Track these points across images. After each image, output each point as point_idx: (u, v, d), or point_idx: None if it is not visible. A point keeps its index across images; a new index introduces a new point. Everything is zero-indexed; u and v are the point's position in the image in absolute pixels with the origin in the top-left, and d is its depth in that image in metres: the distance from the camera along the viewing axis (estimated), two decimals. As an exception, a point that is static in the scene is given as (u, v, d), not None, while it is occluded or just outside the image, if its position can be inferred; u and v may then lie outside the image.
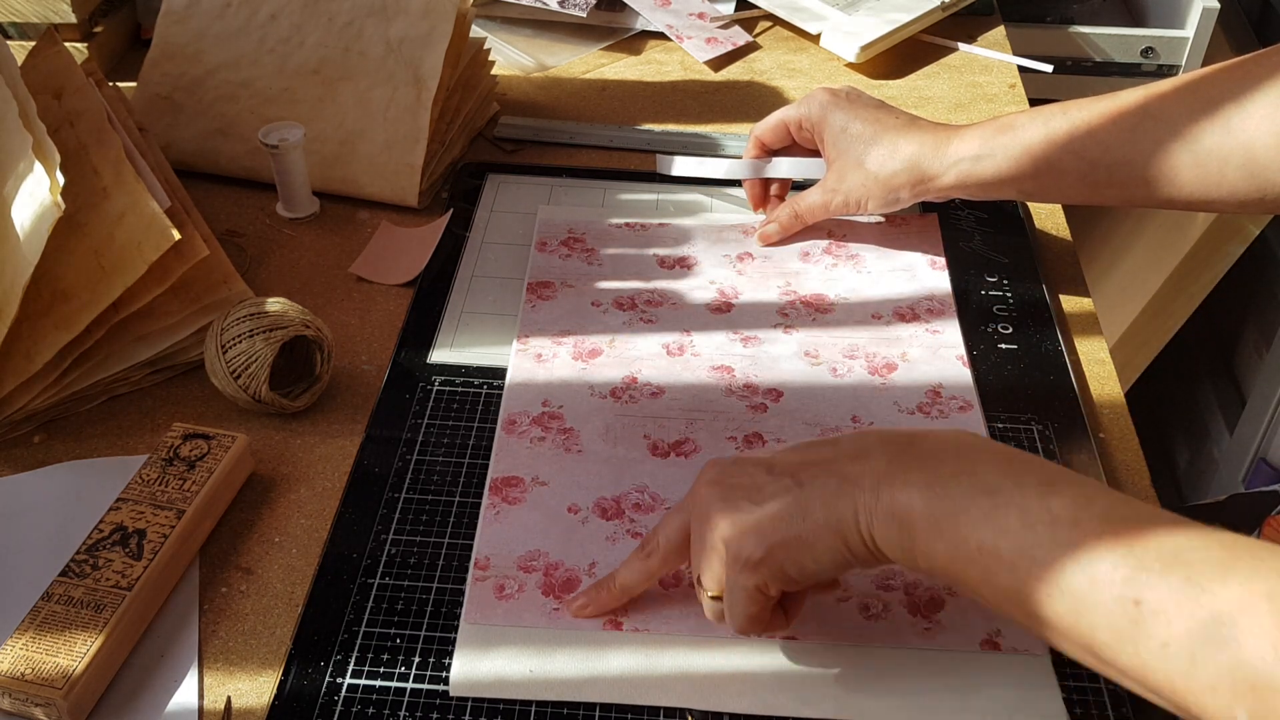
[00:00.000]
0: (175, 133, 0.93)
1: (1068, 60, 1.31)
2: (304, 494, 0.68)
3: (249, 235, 0.87)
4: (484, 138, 0.99)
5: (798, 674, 0.58)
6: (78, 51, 1.00)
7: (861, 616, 0.60)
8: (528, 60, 1.10)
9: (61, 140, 0.74)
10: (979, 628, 0.60)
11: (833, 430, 0.71)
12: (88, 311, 0.69)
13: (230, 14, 0.93)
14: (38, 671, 0.54)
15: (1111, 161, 0.71)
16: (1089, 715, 0.57)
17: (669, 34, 1.12)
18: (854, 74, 1.09)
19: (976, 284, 0.83)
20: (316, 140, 0.90)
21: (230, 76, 0.93)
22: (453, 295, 0.82)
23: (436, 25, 0.90)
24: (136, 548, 0.60)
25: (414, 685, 0.57)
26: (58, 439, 0.71)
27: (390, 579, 0.62)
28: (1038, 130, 0.74)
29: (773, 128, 0.85)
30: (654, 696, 0.57)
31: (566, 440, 0.70)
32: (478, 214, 0.89)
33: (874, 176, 0.79)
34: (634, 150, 0.97)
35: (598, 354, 0.76)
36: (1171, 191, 0.70)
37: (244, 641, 0.60)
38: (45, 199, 0.66)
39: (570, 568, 0.62)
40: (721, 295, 0.81)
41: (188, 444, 0.66)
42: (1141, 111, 0.70)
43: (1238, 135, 0.67)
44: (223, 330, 0.69)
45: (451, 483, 0.68)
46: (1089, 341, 0.79)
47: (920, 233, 0.87)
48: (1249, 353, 1.40)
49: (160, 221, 0.71)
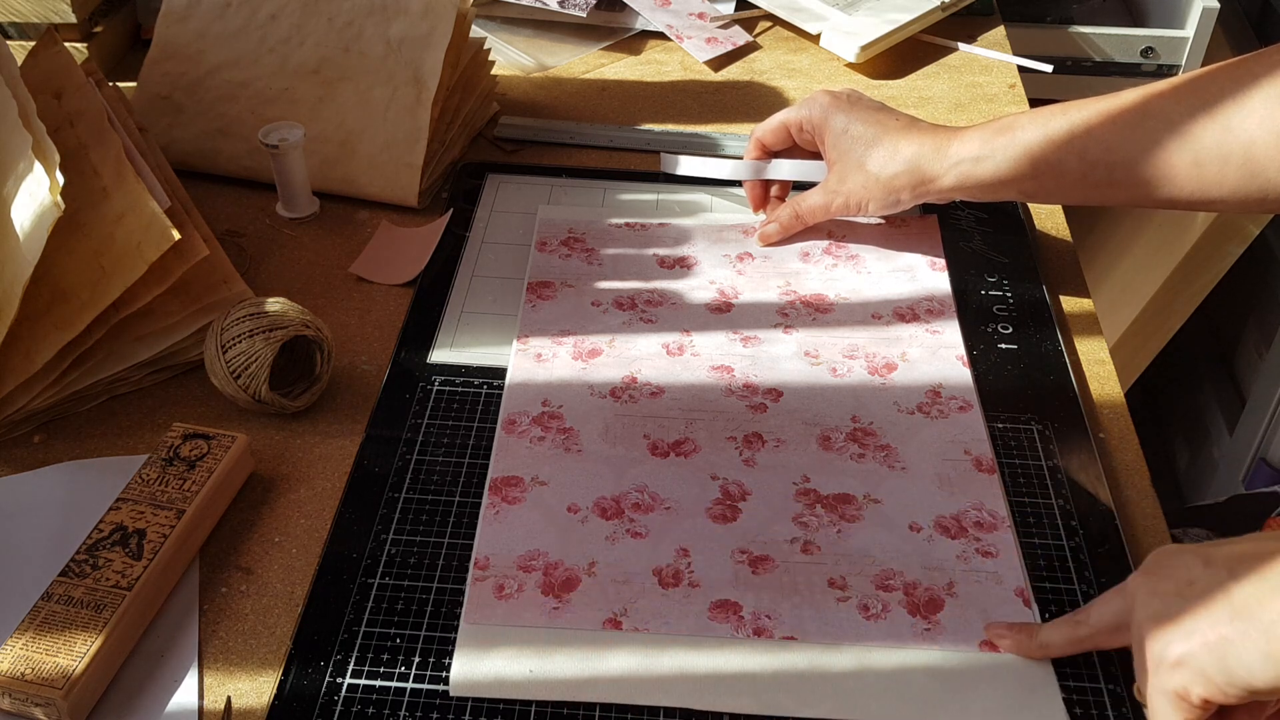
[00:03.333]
0: (175, 133, 0.93)
1: (1068, 60, 1.31)
2: (304, 494, 0.68)
3: (249, 235, 0.87)
4: (484, 138, 0.99)
5: (798, 674, 0.58)
6: (78, 51, 1.00)
7: (861, 616, 0.60)
8: (528, 60, 1.10)
9: (61, 140, 0.74)
10: (979, 628, 0.60)
11: (833, 430, 0.71)
12: (88, 311, 0.69)
13: (230, 14, 0.93)
14: (38, 671, 0.54)
15: (1112, 162, 0.71)
16: (1089, 715, 0.57)
17: (669, 34, 1.12)
18: (854, 74, 1.09)
19: (976, 284, 0.83)
20: (316, 140, 0.90)
21: (230, 76, 0.93)
22: (453, 295, 0.82)
23: (436, 25, 0.90)
24: (136, 548, 0.60)
25: (414, 685, 0.57)
26: (58, 439, 0.71)
27: (390, 579, 0.62)
28: (1037, 131, 0.74)
29: (773, 130, 0.85)
30: (654, 696, 0.57)
31: (566, 440, 0.70)
32: (478, 214, 0.89)
33: (875, 178, 0.79)
34: (634, 150, 0.97)
35: (598, 354, 0.76)
36: (1171, 191, 0.70)
37: (244, 641, 0.60)
38: (45, 199, 0.66)
39: (570, 567, 0.62)
40: (721, 295, 0.81)
41: (188, 444, 0.66)
42: (1141, 111, 0.70)
43: (1237, 134, 0.67)
44: (223, 330, 0.69)
45: (451, 483, 0.68)
46: (1089, 341, 0.79)
47: (920, 234, 0.87)
48: (1249, 353, 1.40)
49: (160, 221, 0.71)
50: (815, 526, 0.65)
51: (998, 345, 0.78)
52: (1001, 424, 0.72)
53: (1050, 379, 0.75)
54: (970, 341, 0.78)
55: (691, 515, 0.65)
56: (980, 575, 0.62)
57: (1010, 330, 0.79)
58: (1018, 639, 0.58)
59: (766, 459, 0.69)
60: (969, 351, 0.77)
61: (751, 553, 0.63)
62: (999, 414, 0.72)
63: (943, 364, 0.76)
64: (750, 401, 0.73)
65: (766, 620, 0.60)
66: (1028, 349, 0.77)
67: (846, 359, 0.76)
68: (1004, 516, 0.66)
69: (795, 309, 0.80)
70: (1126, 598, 0.54)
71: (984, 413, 0.72)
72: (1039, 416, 0.72)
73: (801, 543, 0.64)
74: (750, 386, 0.74)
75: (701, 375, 0.75)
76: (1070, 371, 0.76)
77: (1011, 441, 0.71)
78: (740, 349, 0.77)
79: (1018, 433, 0.71)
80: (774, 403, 0.73)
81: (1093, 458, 0.70)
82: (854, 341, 0.77)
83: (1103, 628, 0.56)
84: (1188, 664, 0.48)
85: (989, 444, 0.70)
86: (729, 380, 0.74)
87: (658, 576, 0.62)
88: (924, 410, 0.72)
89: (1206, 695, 0.48)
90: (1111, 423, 0.73)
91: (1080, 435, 0.71)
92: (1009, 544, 0.64)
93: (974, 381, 0.74)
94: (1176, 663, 0.49)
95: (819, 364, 0.76)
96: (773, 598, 0.61)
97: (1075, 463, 0.69)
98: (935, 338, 0.78)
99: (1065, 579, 0.63)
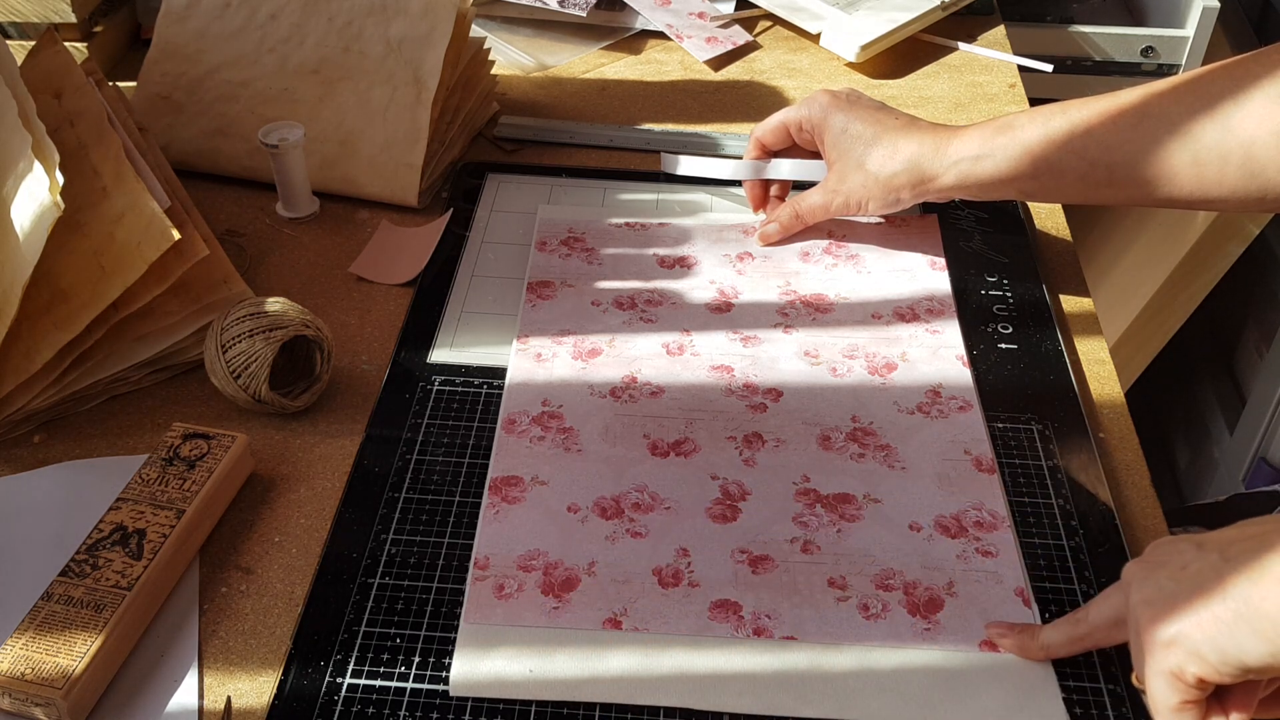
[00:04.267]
0: (175, 133, 0.93)
1: (1068, 60, 1.31)
2: (304, 494, 0.68)
3: (249, 235, 0.87)
4: (484, 137, 0.99)
5: (798, 674, 0.58)
6: (78, 51, 1.00)
7: (861, 616, 0.60)
8: (528, 60, 1.10)
9: (61, 140, 0.74)
10: (979, 628, 0.60)
11: (833, 430, 0.71)
12: (88, 311, 0.69)
13: (230, 14, 0.93)
14: (38, 671, 0.54)
15: (1111, 161, 0.71)
16: (1089, 716, 0.57)
17: (669, 34, 1.12)
18: (854, 74, 1.09)
19: (976, 284, 0.83)
20: (316, 140, 0.90)
21: (230, 76, 0.93)
22: (453, 295, 0.82)
23: (436, 25, 0.90)
24: (136, 548, 0.60)
25: (414, 685, 0.57)
26: (58, 439, 0.71)
27: (390, 579, 0.62)
28: (1037, 130, 0.74)
29: (773, 129, 0.85)
30: (654, 696, 0.57)
31: (566, 440, 0.70)
32: (478, 214, 0.89)
33: (874, 177, 0.79)
34: (634, 150, 0.97)
35: (597, 353, 0.76)
36: (1171, 190, 0.70)
37: (244, 641, 0.60)
38: (45, 199, 0.66)
39: (570, 567, 0.62)
40: (721, 295, 0.81)
41: (188, 444, 0.66)
42: (1141, 110, 0.71)
43: (1237, 133, 0.67)
44: (223, 330, 0.69)
45: (451, 483, 0.68)
46: (1089, 341, 0.79)
47: (920, 233, 0.87)
48: (1249, 353, 1.40)
49: (160, 221, 0.71)
50: (815, 526, 0.65)
51: (998, 345, 0.78)
52: (1001, 424, 0.72)
53: (1050, 379, 0.75)
54: (970, 341, 0.78)
55: (691, 515, 0.65)
56: (980, 575, 0.62)
57: (1010, 330, 0.79)
58: (1019, 640, 0.59)
59: (766, 459, 0.69)
60: (969, 351, 0.77)
61: (751, 552, 0.63)
62: (999, 414, 0.72)
63: (943, 364, 0.76)
64: (750, 401, 0.73)
65: (766, 620, 0.60)
66: (1028, 349, 0.77)
67: (846, 359, 0.76)
68: (1004, 516, 0.66)
69: (795, 309, 0.80)
70: (1123, 588, 0.54)
71: (984, 413, 0.72)
72: (1039, 416, 0.72)
73: (801, 542, 0.64)
74: (750, 386, 0.74)
75: (701, 375, 0.75)
76: (1070, 371, 0.76)
77: (1011, 441, 0.71)
78: (740, 349, 0.77)
79: (1018, 433, 0.71)
80: (774, 403, 0.73)
81: (1093, 458, 0.70)
82: (854, 341, 0.77)
83: (1102, 623, 0.56)
84: (1181, 643, 0.49)
85: (989, 444, 0.70)
86: (729, 380, 0.74)
87: (657, 576, 0.62)
88: (924, 410, 0.72)
89: (1201, 674, 0.49)
90: (1111, 423, 0.73)
91: (1080, 435, 0.71)
92: (1009, 544, 0.64)
93: (974, 381, 0.74)
94: (1170, 642, 0.49)
95: (819, 364, 0.76)
96: (773, 597, 0.61)
97: (1075, 463, 0.69)
98: (935, 338, 0.78)
99: (1065, 579, 0.63)
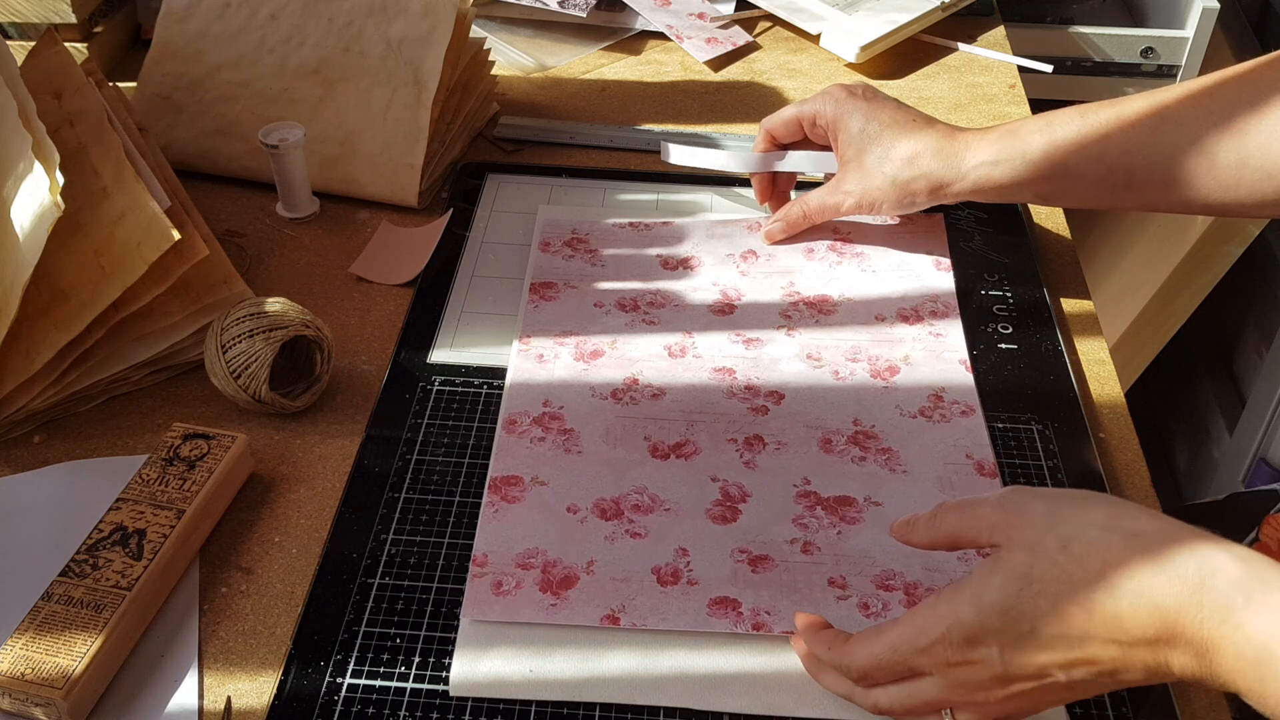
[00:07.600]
0: (175, 133, 0.93)
1: (1068, 60, 1.31)
2: (304, 494, 0.68)
3: (249, 235, 0.87)
4: (484, 138, 0.99)
5: (798, 674, 0.58)
6: (78, 51, 1.00)
7: (861, 615, 0.60)
8: (528, 60, 1.10)
9: (61, 140, 0.74)
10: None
11: (834, 433, 0.71)
12: (88, 311, 0.69)
13: (230, 14, 0.93)
14: (38, 671, 0.54)
15: (1130, 165, 0.71)
16: (1089, 715, 0.57)
17: (669, 34, 1.12)
18: (854, 74, 1.09)
19: (977, 284, 0.83)
20: (316, 140, 0.90)
21: (230, 76, 0.93)
22: (453, 295, 0.82)
23: (436, 25, 0.90)
24: (136, 548, 0.60)
25: (414, 685, 0.57)
26: (58, 439, 0.71)
27: (390, 579, 0.62)
28: (1055, 134, 0.73)
29: (785, 122, 0.84)
30: (653, 696, 0.57)
31: (566, 441, 0.70)
32: (478, 214, 0.89)
33: (890, 180, 0.78)
34: (634, 150, 0.97)
35: (599, 355, 0.76)
36: (1189, 194, 0.70)
37: (244, 641, 0.60)
38: (45, 199, 0.66)
39: (569, 566, 0.62)
40: (724, 296, 0.81)
41: (188, 444, 0.66)
42: (1159, 115, 0.71)
43: (1255, 138, 0.67)
44: (223, 330, 0.69)
45: (451, 482, 0.68)
46: (1089, 341, 0.79)
47: (926, 233, 0.87)
48: (1249, 353, 1.40)
49: (160, 221, 0.71)
50: (815, 528, 0.65)
51: (998, 345, 0.78)
52: (1002, 424, 0.72)
53: (1050, 379, 0.75)
54: (970, 342, 0.78)
55: (691, 516, 0.65)
56: (980, 575, 0.62)
57: (1010, 330, 0.79)
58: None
59: (767, 461, 0.69)
60: (969, 352, 0.77)
61: (751, 552, 0.63)
62: (999, 414, 0.72)
63: (945, 367, 0.75)
64: (751, 404, 0.73)
65: (766, 615, 0.60)
66: (1028, 349, 0.77)
67: (849, 361, 0.76)
68: (1004, 517, 0.66)
69: (798, 310, 0.80)
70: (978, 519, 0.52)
71: (984, 413, 0.72)
72: (1039, 416, 0.72)
73: (801, 543, 0.64)
74: (752, 388, 0.74)
75: (703, 377, 0.75)
76: (1070, 371, 0.76)
77: (1011, 442, 0.71)
78: (742, 351, 0.77)
79: (1018, 433, 0.71)
80: (775, 405, 0.73)
81: (1092, 457, 0.70)
82: (856, 344, 0.77)
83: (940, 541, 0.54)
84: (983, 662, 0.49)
85: (990, 448, 0.70)
86: (730, 382, 0.74)
87: (656, 575, 0.62)
88: (926, 414, 0.72)
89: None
90: (1111, 422, 0.73)
91: (1080, 435, 0.71)
92: (1009, 544, 0.64)
93: (976, 385, 0.74)
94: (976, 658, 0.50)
95: (821, 366, 0.76)
96: (772, 595, 0.61)
97: (1075, 463, 0.69)
98: (938, 340, 0.78)
99: (1065, 579, 0.63)
